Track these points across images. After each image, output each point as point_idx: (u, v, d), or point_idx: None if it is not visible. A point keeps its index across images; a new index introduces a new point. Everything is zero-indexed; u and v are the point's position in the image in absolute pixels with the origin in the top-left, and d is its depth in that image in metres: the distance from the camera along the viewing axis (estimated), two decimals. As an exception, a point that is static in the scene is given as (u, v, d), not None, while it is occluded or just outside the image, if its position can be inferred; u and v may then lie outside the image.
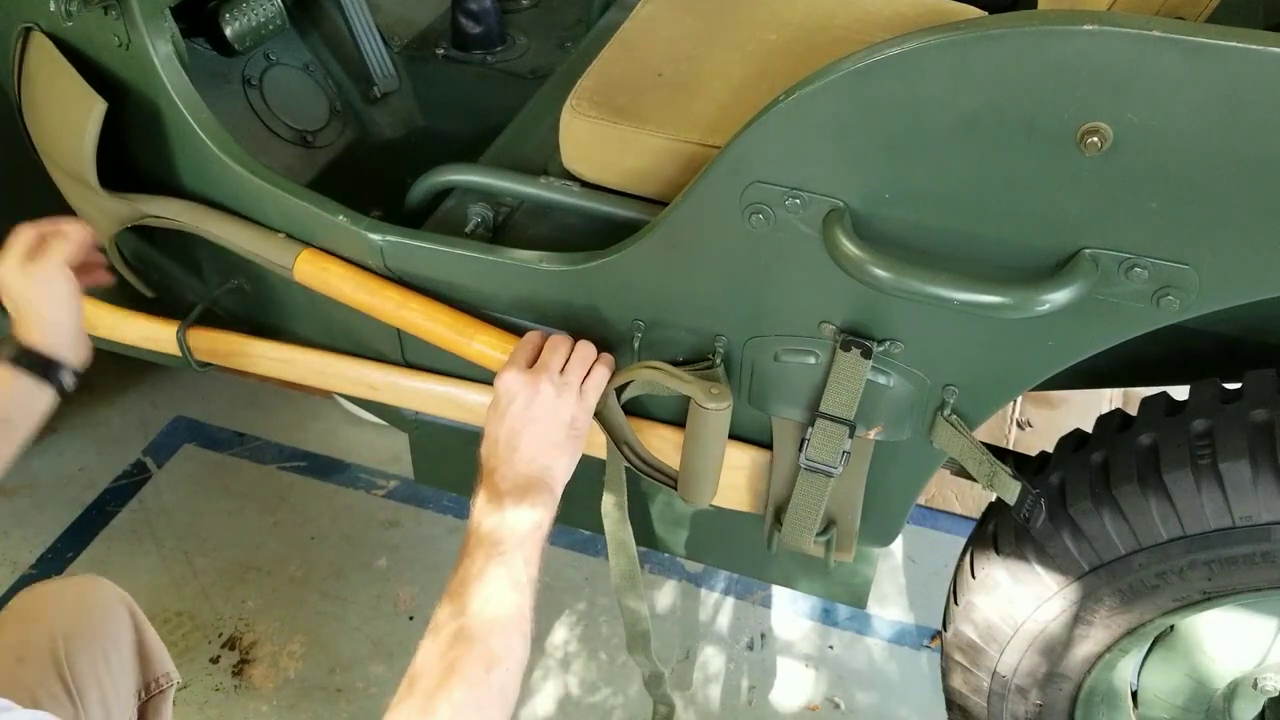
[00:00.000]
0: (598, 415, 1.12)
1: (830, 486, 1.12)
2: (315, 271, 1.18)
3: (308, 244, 1.19)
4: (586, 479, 1.39)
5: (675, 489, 1.19)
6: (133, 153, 1.25)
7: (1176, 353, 1.24)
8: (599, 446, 1.22)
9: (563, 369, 1.07)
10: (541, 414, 1.04)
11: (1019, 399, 2.09)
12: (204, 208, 1.24)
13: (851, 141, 0.89)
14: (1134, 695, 1.32)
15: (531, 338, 1.11)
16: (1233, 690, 1.27)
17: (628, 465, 1.19)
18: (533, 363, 1.07)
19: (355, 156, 1.61)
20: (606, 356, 1.11)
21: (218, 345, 1.35)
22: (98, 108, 1.14)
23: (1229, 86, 0.76)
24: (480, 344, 1.14)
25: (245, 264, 1.27)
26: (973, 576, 1.20)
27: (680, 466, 1.14)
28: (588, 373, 1.09)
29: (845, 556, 1.23)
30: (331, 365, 1.32)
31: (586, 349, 1.10)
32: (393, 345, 1.27)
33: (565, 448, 1.05)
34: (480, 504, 1.00)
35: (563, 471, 1.05)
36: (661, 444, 1.20)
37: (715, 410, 1.04)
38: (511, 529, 0.96)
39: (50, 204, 1.32)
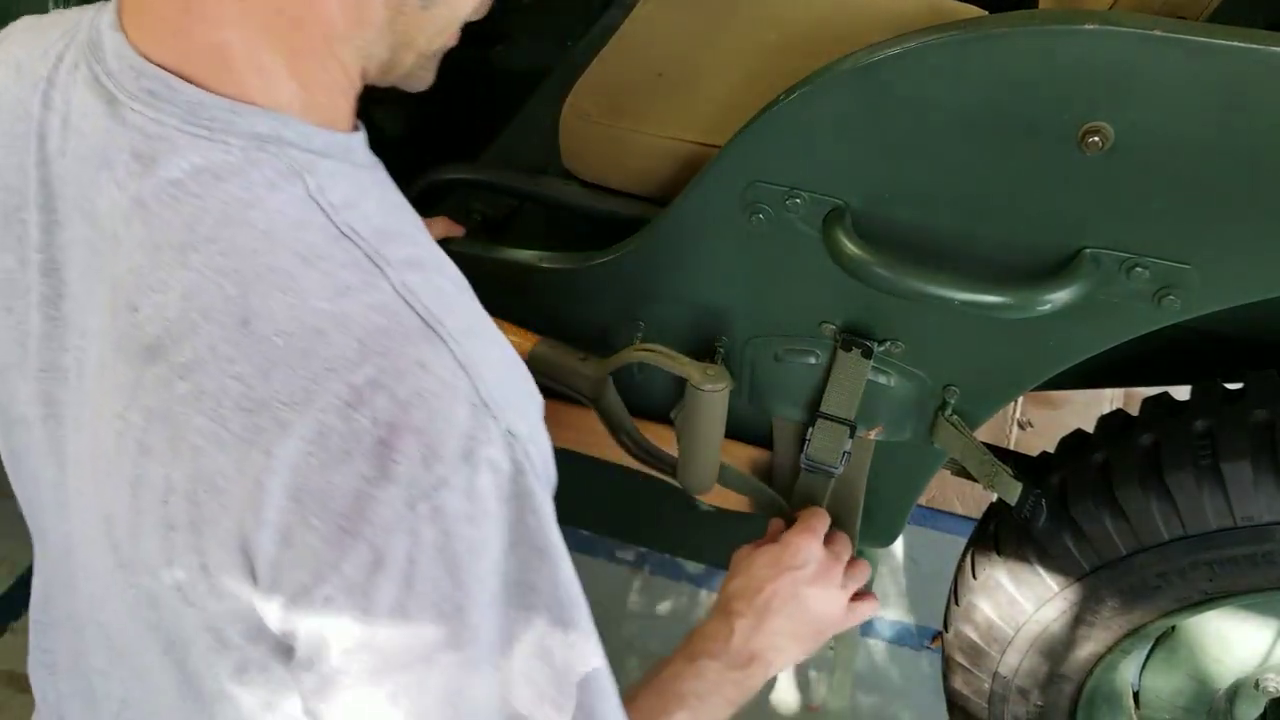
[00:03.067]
0: (596, 404, 1.11)
1: (830, 486, 1.12)
2: None
3: None
4: (589, 479, 1.39)
5: (674, 477, 1.19)
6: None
7: (1177, 353, 1.23)
8: (592, 445, 1.22)
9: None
10: (816, 600, 0.99)
11: (1019, 399, 2.09)
12: None
13: (852, 141, 0.89)
14: (1135, 696, 1.32)
15: (826, 517, 1.07)
16: (1234, 691, 1.26)
17: (627, 452, 1.18)
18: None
19: (355, 156, 1.60)
20: (872, 599, 1.07)
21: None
22: None
23: (1230, 86, 0.76)
24: None
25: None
26: (974, 577, 1.19)
27: (679, 453, 1.14)
28: (857, 596, 1.05)
29: (846, 557, 1.23)
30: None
31: (863, 572, 1.06)
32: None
33: (805, 645, 0.98)
34: (710, 635, 0.94)
35: (785, 663, 0.98)
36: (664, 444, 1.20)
37: (712, 392, 1.04)
38: (716, 690, 0.90)
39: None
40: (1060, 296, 0.88)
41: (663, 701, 0.87)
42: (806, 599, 0.97)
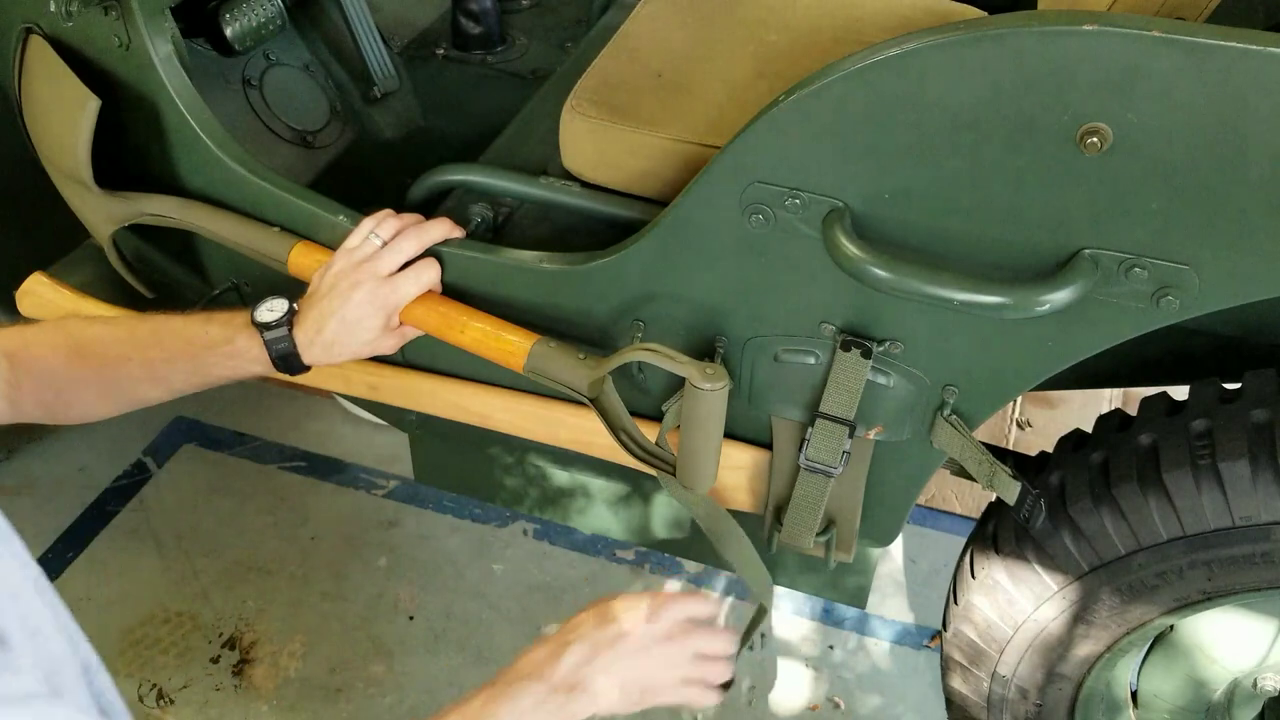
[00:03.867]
0: (595, 403, 1.11)
1: (830, 486, 1.12)
2: (309, 264, 1.17)
3: (303, 238, 1.19)
4: (592, 479, 1.39)
5: (674, 475, 1.19)
6: (133, 154, 1.25)
7: (1176, 353, 1.24)
8: (591, 445, 1.22)
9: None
10: (653, 662, 0.97)
11: (1019, 399, 2.09)
12: (198, 204, 1.23)
13: (851, 142, 0.89)
14: (1134, 696, 1.32)
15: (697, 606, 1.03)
16: (1232, 690, 1.27)
17: (626, 450, 1.18)
18: None
19: (355, 156, 1.61)
20: (713, 694, 1.03)
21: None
22: (91, 104, 1.14)
23: (1229, 86, 0.76)
24: (473, 333, 1.13)
25: (244, 264, 1.27)
26: (972, 576, 1.20)
27: (678, 452, 1.14)
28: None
29: (845, 556, 1.23)
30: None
31: (722, 670, 1.03)
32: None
33: (628, 698, 0.96)
34: (536, 660, 0.93)
35: (606, 706, 0.96)
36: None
37: (711, 391, 1.04)
38: (533, 713, 0.89)
39: (48, 206, 1.32)
40: (1059, 297, 0.88)
41: None
42: (645, 656, 0.97)
